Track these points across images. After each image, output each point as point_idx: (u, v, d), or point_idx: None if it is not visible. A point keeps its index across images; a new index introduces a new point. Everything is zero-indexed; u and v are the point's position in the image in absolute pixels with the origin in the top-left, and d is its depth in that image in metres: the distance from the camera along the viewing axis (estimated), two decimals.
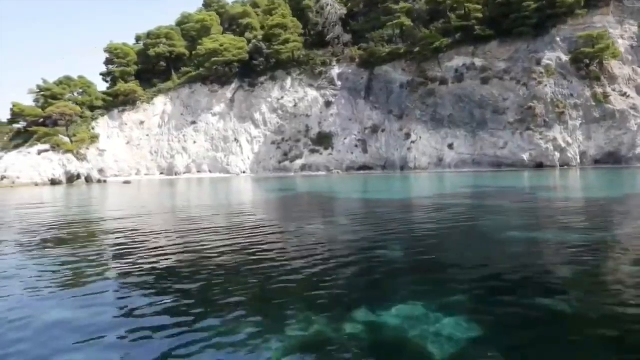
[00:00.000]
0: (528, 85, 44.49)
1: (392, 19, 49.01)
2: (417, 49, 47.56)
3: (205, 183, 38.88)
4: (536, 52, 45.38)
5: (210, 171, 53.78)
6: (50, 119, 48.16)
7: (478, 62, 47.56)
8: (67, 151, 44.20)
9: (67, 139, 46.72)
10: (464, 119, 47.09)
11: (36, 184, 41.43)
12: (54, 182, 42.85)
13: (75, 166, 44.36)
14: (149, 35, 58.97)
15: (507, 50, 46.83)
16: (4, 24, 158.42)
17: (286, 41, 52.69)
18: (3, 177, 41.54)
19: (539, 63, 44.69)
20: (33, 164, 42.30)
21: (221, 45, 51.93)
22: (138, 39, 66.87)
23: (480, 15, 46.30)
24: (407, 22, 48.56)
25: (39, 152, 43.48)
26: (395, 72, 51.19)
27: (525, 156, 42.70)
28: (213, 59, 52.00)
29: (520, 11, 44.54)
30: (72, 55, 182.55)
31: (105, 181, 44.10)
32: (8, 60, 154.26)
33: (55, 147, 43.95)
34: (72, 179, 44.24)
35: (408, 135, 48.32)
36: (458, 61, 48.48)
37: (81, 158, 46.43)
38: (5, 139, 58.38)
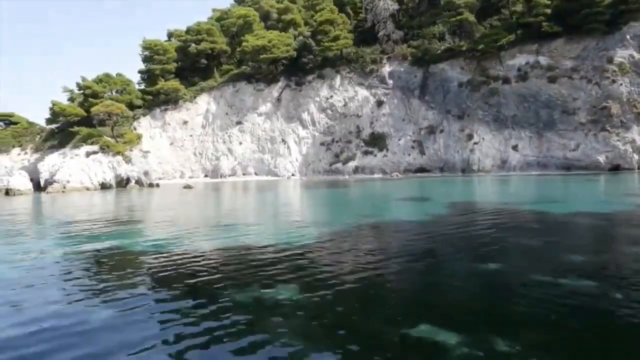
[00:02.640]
0: (600, 84, 42.60)
1: (453, 14, 46.83)
2: (480, 46, 45.49)
3: (276, 187, 36.53)
4: (606, 50, 43.48)
5: (256, 173, 51.48)
6: (93, 118, 45.51)
7: (543, 60, 45.60)
8: (117, 153, 41.65)
9: (112, 140, 44.16)
10: (529, 120, 45.15)
11: (87, 189, 38.92)
12: (104, 187, 40.39)
13: (125, 169, 41.84)
14: (187, 31, 56.37)
15: (575, 47, 44.88)
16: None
17: (336, 38, 50.45)
18: (51, 182, 38.95)
19: (610, 61, 42.81)
20: (83, 167, 39.74)
21: (269, 42, 49.53)
22: (170, 35, 64.30)
23: (548, 11, 44.17)
24: (471, 17, 46.44)
25: (88, 154, 40.89)
26: (453, 71, 49.08)
27: (601, 158, 40.85)
28: (261, 56, 49.60)
29: (591, 7, 42.65)
30: (72, 55, 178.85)
31: (157, 185, 41.59)
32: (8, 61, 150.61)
33: (105, 148, 41.37)
34: (121, 182, 41.75)
35: (470, 137, 46.29)
36: (521, 59, 46.48)
37: (127, 160, 43.92)
38: (37, 139, 55.84)
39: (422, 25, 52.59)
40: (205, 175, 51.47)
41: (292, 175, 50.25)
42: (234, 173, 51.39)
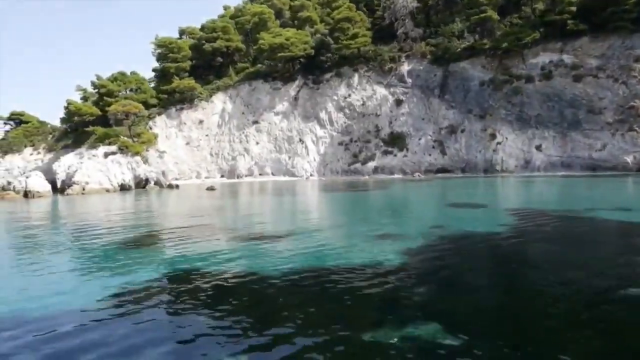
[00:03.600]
0: (628, 84, 41.95)
1: (476, 12, 46.03)
2: (504, 45, 44.71)
3: (301, 188, 35.79)
4: (632, 49, 42.78)
5: (273, 174, 50.68)
6: (110, 118, 44.61)
7: (567, 58, 44.89)
8: (136, 153, 40.78)
9: (130, 140, 43.28)
10: (553, 119, 44.48)
11: (107, 190, 38.09)
12: (123, 188, 39.57)
13: (143, 170, 41.00)
14: (202, 28, 55.40)
15: (600, 46, 44.16)
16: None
17: (355, 36, 49.61)
18: (69, 183, 38.10)
19: (637, 60, 42.11)
20: (101, 168, 38.88)
21: (287, 40, 48.63)
22: (182, 32, 63.33)
23: (573, 8, 43.39)
24: (494, 15, 45.64)
25: (106, 155, 40.03)
26: (474, 69, 48.34)
27: (629, 159, 40.20)
28: (279, 54, 48.72)
29: (618, 4, 41.91)
30: (76, 53, 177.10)
31: (177, 186, 40.73)
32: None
33: (124, 149, 40.50)
34: (140, 183, 40.94)
35: (493, 136, 45.59)
36: (544, 57, 45.79)
37: (144, 160, 43.04)
38: (49, 139, 54.95)
39: (441, 22, 51.79)
40: (222, 176, 50.66)
41: (311, 175, 49.45)
42: (251, 173, 50.59)
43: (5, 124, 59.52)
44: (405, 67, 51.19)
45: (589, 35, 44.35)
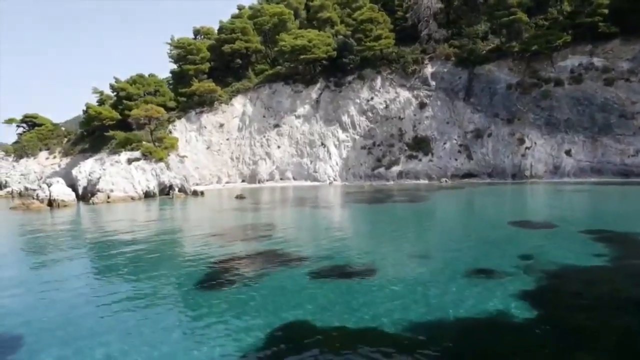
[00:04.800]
0: None
1: (505, 14, 45.00)
2: (534, 47, 43.75)
3: (330, 195, 34.92)
4: None
5: (294, 178, 49.78)
6: (132, 123, 43.59)
7: (597, 61, 43.99)
8: (159, 159, 39.82)
9: (152, 146, 42.30)
10: (583, 123, 43.62)
11: (132, 198, 37.19)
12: (147, 195, 38.68)
13: (167, 176, 40.08)
14: (221, 29, 54.25)
15: (632, 49, 43.22)
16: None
17: (378, 37, 48.58)
18: (93, 191, 37.17)
19: None
20: (126, 175, 37.95)
21: (309, 41, 47.58)
22: (197, 33, 62.25)
23: (605, 11, 42.40)
24: (524, 17, 44.63)
25: (129, 161, 39.07)
26: (500, 72, 47.39)
27: None
28: (301, 56, 47.68)
29: None
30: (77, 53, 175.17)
31: (202, 193, 39.79)
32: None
33: (147, 155, 39.53)
34: (164, 190, 40.03)
35: (521, 141, 44.71)
36: (573, 60, 44.89)
37: (167, 166, 42.11)
38: (65, 142, 53.98)
39: (464, 24, 50.75)
40: (243, 180, 49.76)
41: (334, 180, 48.56)
42: (272, 178, 49.67)
43: (18, 126, 58.57)
44: (428, 70, 50.19)
45: (620, 38, 43.43)
